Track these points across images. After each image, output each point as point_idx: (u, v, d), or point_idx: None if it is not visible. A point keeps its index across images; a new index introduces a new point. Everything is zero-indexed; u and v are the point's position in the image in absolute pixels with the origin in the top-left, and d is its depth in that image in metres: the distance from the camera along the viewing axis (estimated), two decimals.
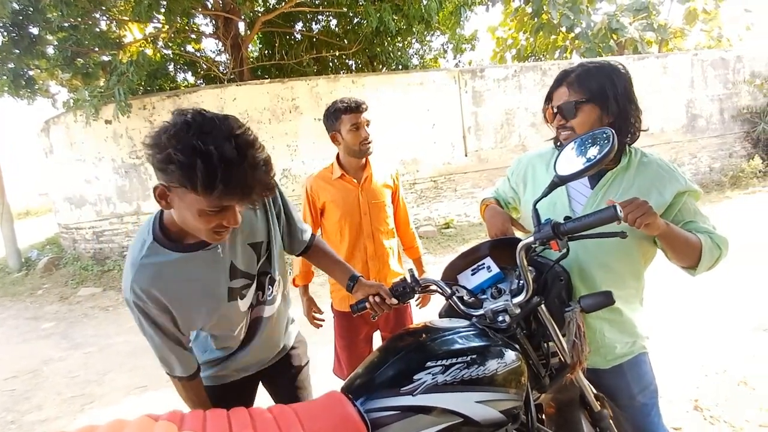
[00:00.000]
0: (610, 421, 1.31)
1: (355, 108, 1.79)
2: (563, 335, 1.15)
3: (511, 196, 1.48)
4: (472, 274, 1.27)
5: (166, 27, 8.33)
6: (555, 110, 1.22)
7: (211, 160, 0.84)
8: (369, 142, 1.84)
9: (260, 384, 1.48)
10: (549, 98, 1.26)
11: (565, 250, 1.06)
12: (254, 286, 1.22)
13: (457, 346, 0.99)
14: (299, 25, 10.08)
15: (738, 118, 9.24)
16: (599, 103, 1.17)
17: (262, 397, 1.47)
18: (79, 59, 7.22)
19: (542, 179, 1.31)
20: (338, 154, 1.92)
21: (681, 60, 8.79)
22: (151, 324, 1.08)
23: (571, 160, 1.10)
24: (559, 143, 1.30)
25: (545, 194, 1.11)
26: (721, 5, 11.69)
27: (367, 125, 1.84)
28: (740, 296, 3.48)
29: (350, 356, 1.95)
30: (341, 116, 1.80)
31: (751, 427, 2.04)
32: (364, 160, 1.91)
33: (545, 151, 1.40)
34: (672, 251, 1.18)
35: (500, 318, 1.13)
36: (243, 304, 1.20)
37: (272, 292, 1.28)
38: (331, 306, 2.02)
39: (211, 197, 0.88)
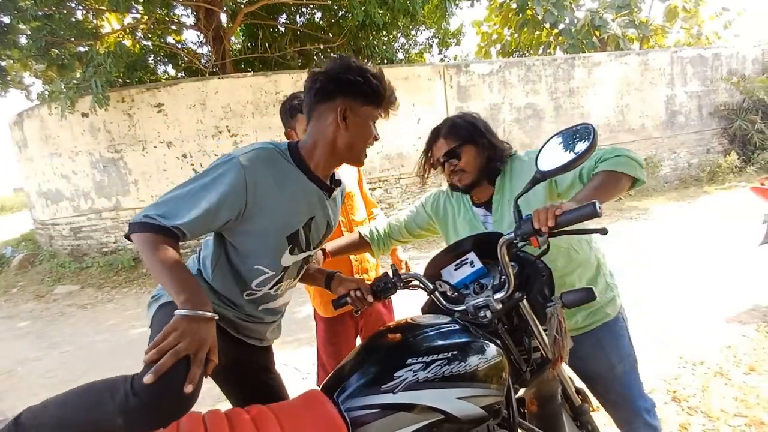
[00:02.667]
0: (591, 415, 1.32)
1: None
2: (545, 330, 1.15)
3: (421, 226, 1.61)
4: (456, 269, 1.26)
5: (146, 17, 8.12)
6: (442, 159, 1.39)
7: (379, 80, 1.17)
8: None
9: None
10: (430, 154, 1.44)
11: (545, 247, 1.06)
12: (302, 259, 1.24)
13: (438, 343, 0.98)
14: (283, 18, 9.93)
15: (715, 115, 9.46)
16: (473, 143, 1.37)
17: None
18: (54, 50, 6.99)
19: (461, 221, 1.47)
20: None
21: (661, 57, 8.94)
22: (223, 191, 1.01)
23: (554, 156, 1.10)
24: (455, 187, 1.45)
25: (526, 190, 1.12)
26: (702, 4, 11.92)
27: None
28: (715, 288, 3.57)
29: (339, 361, 1.85)
30: (297, 114, 1.70)
31: (727, 418, 2.09)
32: None
33: (454, 193, 1.51)
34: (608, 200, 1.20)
35: (482, 313, 1.12)
36: (286, 259, 1.19)
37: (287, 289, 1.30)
38: (314, 313, 1.94)
39: (382, 105, 1.20)
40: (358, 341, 1.99)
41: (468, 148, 1.37)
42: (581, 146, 1.05)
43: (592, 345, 1.37)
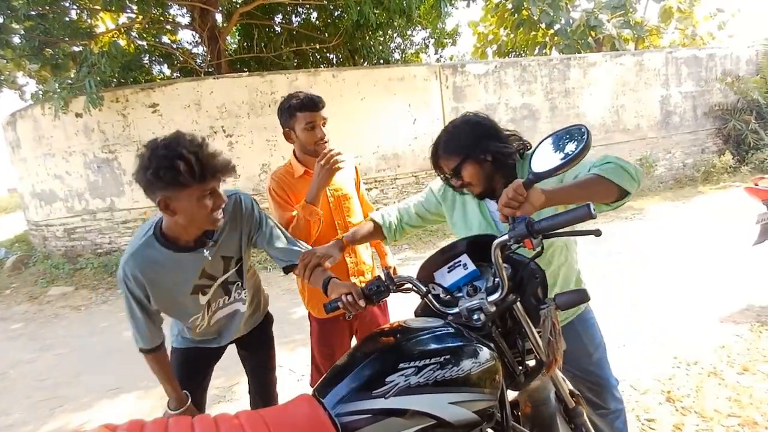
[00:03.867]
0: (585, 418, 1.31)
1: (311, 106, 1.68)
2: (539, 333, 1.15)
3: (428, 213, 1.60)
4: (449, 272, 1.26)
5: (140, 17, 8.07)
6: (449, 174, 1.38)
7: (187, 159, 1.16)
8: (325, 143, 1.71)
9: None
10: (439, 167, 1.41)
11: (540, 249, 1.05)
12: (218, 285, 1.50)
13: (431, 347, 0.97)
14: (279, 18, 9.89)
15: (710, 115, 9.50)
16: (473, 158, 1.32)
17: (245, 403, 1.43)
18: (47, 49, 6.93)
19: (470, 210, 1.47)
20: (294, 151, 1.81)
21: (656, 57, 8.97)
22: (132, 299, 1.38)
23: (547, 157, 1.09)
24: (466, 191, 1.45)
25: None
26: (696, 5, 11.97)
27: (324, 124, 1.72)
28: (709, 288, 3.58)
29: (335, 362, 1.83)
30: (296, 113, 1.69)
31: (721, 418, 2.09)
32: None
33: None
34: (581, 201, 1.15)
35: (475, 316, 1.11)
36: (203, 299, 1.48)
37: (241, 295, 1.59)
38: (309, 315, 1.94)
39: (201, 183, 1.20)
40: (354, 342, 1.99)
41: (468, 165, 1.32)
42: (574, 147, 1.05)
43: (570, 337, 1.40)
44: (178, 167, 1.14)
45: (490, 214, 1.43)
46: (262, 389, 1.83)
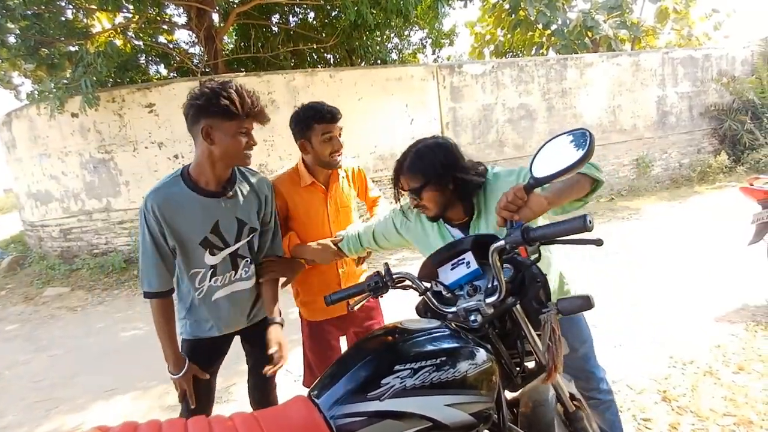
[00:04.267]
0: (586, 423, 1.31)
1: (330, 118, 1.69)
2: (539, 336, 1.14)
3: (387, 237, 1.65)
4: (452, 269, 1.24)
5: (137, 17, 8.04)
6: (408, 191, 1.39)
7: (240, 93, 1.36)
8: (340, 154, 1.74)
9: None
10: (399, 183, 1.43)
11: (536, 255, 1.05)
12: (227, 255, 1.54)
13: (427, 349, 0.96)
14: (276, 18, 9.87)
15: (706, 115, 9.55)
16: (434, 183, 1.33)
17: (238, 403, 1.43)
18: (43, 49, 6.89)
19: (432, 234, 1.49)
20: (303, 160, 1.81)
21: (652, 58, 9.00)
22: (148, 233, 1.43)
23: (548, 162, 1.07)
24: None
25: None
26: (692, 5, 12.02)
27: (340, 135, 1.74)
28: (705, 288, 3.59)
29: (326, 364, 1.83)
30: (313, 125, 1.69)
31: (717, 417, 2.10)
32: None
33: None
34: (568, 200, 1.26)
35: (472, 317, 1.11)
36: (210, 259, 1.52)
37: (248, 273, 1.61)
38: (300, 316, 1.95)
39: (243, 117, 1.37)
40: (344, 342, 2.01)
41: (429, 188, 1.34)
42: (577, 153, 1.02)
43: None
44: (231, 97, 1.32)
45: (449, 232, 1.46)
46: (261, 386, 1.79)
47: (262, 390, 1.79)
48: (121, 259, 6.33)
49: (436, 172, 1.33)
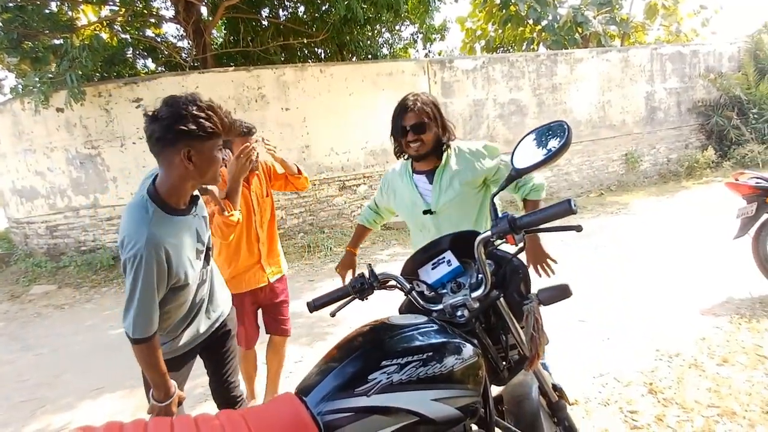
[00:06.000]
0: (568, 412, 1.33)
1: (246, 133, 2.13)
2: (522, 328, 1.16)
3: (384, 205, 2.00)
4: (433, 268, 1.26)
5: (123, 10, 7.89)
6: (408, 128, 1.61)
7: (217, 112, 1.32)
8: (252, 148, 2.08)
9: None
10: (397, 123, 1.65)
11: (522, 244, 1.06)
12: (203, 254, 1.54)
13: (413, 344, 0.97)
14: (265, 12, 9.77)
15: (693, 111, 9.66)
16: (435, 123, 1.63)
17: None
18: (27, 42, 6.72)
19: (401, 189, 1.77)
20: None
21: (641, 54, 9.07)
22: (155, 275, 1.31)
23: (529, 154, 1.10)
24: (407, 157, 1.75)
25: (502, 188, 1.12)
26: (680, 2, 12.11)
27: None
28: (691, 281, 3.65)
29: (247, 329, 2.33)
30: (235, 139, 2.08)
31: (701, 408, 2.14)
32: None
33: (400, 166, 1.84)
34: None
35: (459, 313, 1.12)
36: (197, 264, 1.50)
37: (210, 264, 1.63)
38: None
39: (220, 137, 1.34)
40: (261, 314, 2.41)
41: (432, 125, 1.61)
42: (556, 144, 1.06)
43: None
44: (210, 118, 1.29)
45: (417, 189, 1.71)
46: (221, 390, 1.82)
47: (223, 393, 1.84)
48: (109, 256, 6.26)
49: (437, 115, 1.64)
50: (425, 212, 1.68)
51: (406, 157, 1.75)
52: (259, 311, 2.44)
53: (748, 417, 2.03)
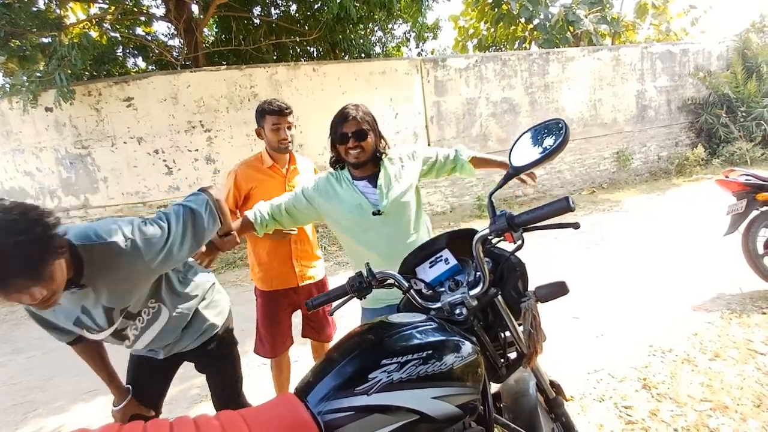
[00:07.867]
0: (566, 409, 1.34)
1: (278, 111, 2.06)
2: (519, 325, 1.16)
3: (304, 211, 1.80)
4: (430, 267, 1.26)
5: (112, 8, 7.80)
6: (350, 134, 1.63)
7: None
8: (288, 142, 2.10)
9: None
10: (337, 131, 1.67)
11: (520, 242, 1.06)
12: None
13: (413, 342, 0.97)
14: (257, 10, 9.70)
15: (683, 109, 9.76)
16: (373, 132, 1.69)
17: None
18: (14, 41, 6.63)
19: (343, 195, 1.72)
20: (266, 147, 2.16)
21: (632, 52, 9.15)
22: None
23: (526, 152, 1.11)
24: (342, 166, 1.78)
25: (500, 186, 1.12)
26: (670, 1, 12.23)
27: (289, 128, 2.09)
28: (683, 278, 3.69)
29: (274, 333, 2.18)
30: (266, 116, 2.06)
31: (694, 403, 2.16)
32: (288, 155, 2.18)
33: (327, 176, 1.81)
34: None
35: (457, 310, 1.12)
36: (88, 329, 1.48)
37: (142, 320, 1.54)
38: (255, 289, 2.22)
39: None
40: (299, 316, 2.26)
41: (371, 133, 1.67)
42: (553, 141, 1.06)
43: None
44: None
45: (361, 192, 1.70)
46: (223, 397, 1.79)
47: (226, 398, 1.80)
48: None
49: (375, 125, 1.71)
50: (375, 213, 1.65)
51: (341, 166, 1.78)
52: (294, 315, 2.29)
53: (740, 411, 2.06)
